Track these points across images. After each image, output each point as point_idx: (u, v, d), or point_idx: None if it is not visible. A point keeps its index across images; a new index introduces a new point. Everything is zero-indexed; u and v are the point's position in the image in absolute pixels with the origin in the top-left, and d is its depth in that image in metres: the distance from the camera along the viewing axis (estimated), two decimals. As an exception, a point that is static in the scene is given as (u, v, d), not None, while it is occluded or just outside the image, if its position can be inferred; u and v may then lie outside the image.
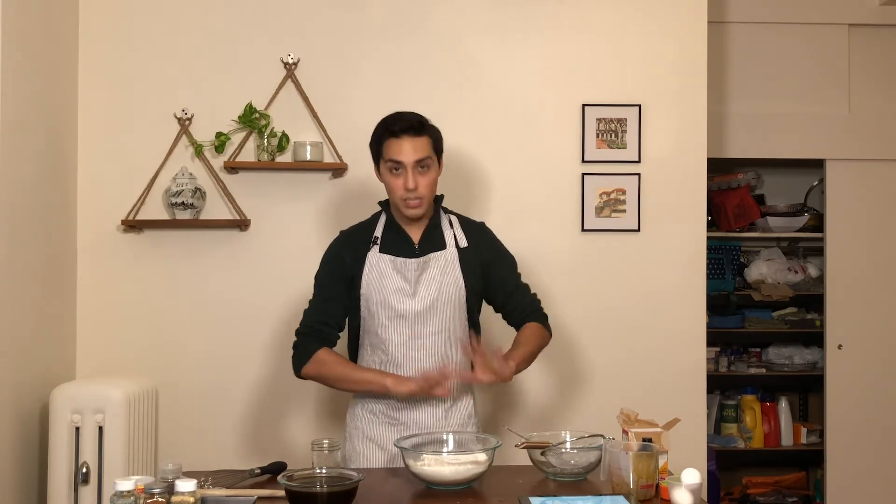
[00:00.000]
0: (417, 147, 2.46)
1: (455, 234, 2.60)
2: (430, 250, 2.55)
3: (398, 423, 2.54)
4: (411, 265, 2.53)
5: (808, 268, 5.14)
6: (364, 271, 2.54)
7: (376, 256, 2.54)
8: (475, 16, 3.60)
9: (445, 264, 2.54)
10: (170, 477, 1.94)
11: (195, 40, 3.52)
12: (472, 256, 2.58)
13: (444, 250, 2.55)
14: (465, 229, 2.62)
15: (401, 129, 2.47)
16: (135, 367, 3.44)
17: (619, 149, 3.62)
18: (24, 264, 3.03)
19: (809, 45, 4.72)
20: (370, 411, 2.58)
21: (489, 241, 2.66)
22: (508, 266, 2.67)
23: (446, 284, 2.52)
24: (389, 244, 2.56)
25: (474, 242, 2.60)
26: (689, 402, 3.58)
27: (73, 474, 3.02)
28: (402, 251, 2.55)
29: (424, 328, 2.52)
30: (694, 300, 3.64)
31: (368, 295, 2.53)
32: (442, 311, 2.52)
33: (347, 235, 2.65)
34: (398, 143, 2.47)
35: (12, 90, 2.93)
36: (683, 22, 3.66)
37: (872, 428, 4.67)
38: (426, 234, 2.57)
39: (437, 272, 2.52)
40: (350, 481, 2.03)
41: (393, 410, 2.55)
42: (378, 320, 2.53)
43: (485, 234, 2.68)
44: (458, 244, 2.58)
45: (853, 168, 4.74)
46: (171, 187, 3.40)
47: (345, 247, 2.61)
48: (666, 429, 2.26)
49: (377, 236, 2.58)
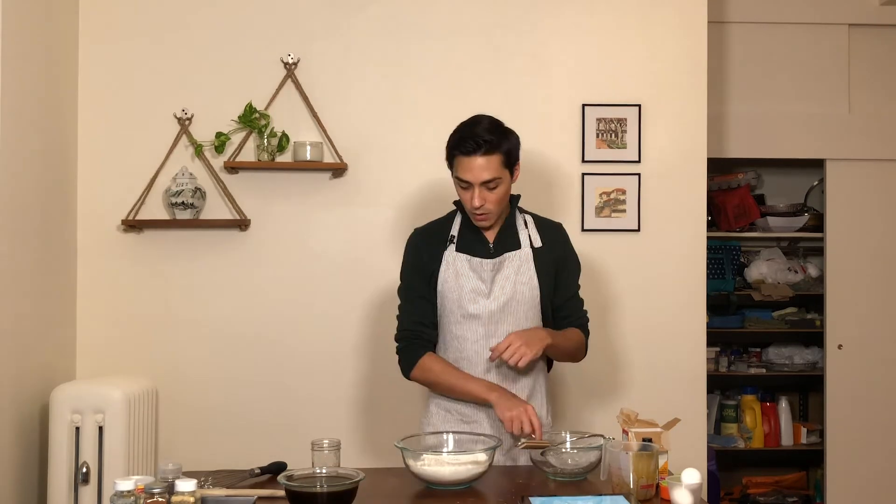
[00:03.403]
0: (486, 167, 2.41)
1: (530, 234, 2.59)
2: (505, 250, 2.55)
3: (471, 422, 2.55)
4: (487, 265, 2.53)
5: (808, 268, 5.14)
6: (441, 269, 2.54)
7: (453, 255, 2.55)
8: (475, 16, 3.60)
9: (520, 264, 2.54)
10: (170, 477, 1.94)
11: (195, 40, 3.52)
12: (545, 256, 2.57)
13: (518, 250, 2.55)
14: (540, 229, 2.61)
15: (470, 149, 2.41)
16: (135, 367, 3.44)
17: (619, 149, 3.62)
18: (24, 264, 3.03)
19: (809, 45, 4.72)
20: (445, 409, 2.59)
21: (562, 242, 2.65)
22: (573, 271, 2.66)
23: (520, 284, 2.52)
24: (465, 243, 2.56)
25: (549, 242, 2.60)
26: (689, 402, 3.58)
27: (73, 474, 3.02)
28: (478, 251, 2.55)
29: (499, 328, 2.52)
30: (694, 300, 3.63)
31: (444, 293, 2.54)
32: (516, 310, 2.52)
33: (423, 233, 2.65)
34: (467, 162, 2.42)
35: (12, 90, 2.93)
36: (683, 22, 3.65)
37: (872, 428, 4.67)
38: (501, 234, 2.57)
39: (511, 272, 2.53)
40: (350, 481, 2.02)
41: (467, 408, 2.55)
42: (453, 318, 2.54)
43: (559, 234, 2.66)
44: (532, 244, 2.57)
45: (853, 168, 4.74)
46: (171, 187, 3.40)
47: (422, 244, 2.61)
48: (666, 429, 2.26)
49: (454, 235, 2.58)
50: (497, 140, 2.43)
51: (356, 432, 3.50)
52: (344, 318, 3.52)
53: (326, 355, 3.53)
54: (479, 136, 2.41)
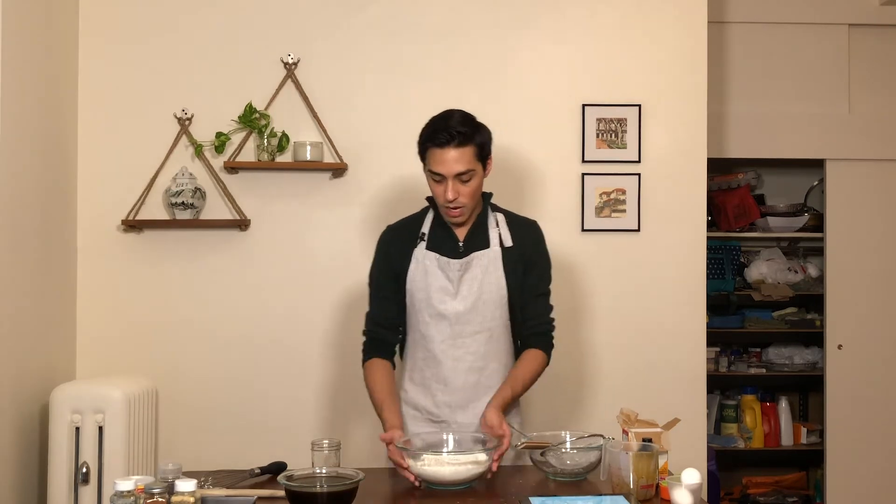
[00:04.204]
0: (459, 159, 2.41)
1: (500, 232, 2.56)
2: (474, 249, 2.53)
3: (440, 423, 2.55)
4: (454, 265, 2.52)
5: (808, 268, 5.14)
6: (410, 267, 2.54)
7: (422, 253, 2.54)
8: (475, 16, 3.60)
9: (488, 263, 2.52)
10: (170, 477, 1.94)
11: (195, 40, 3.52)
12: (515, 255, 2.54)
13: (486, 250, 2.53)
14: (511, 227, 2.58)
15: (443, 141, 2.41)
16: (135, 367, 3.44)
17: (619, 149, 3.62)
18: (24, 264, 3.03)
19: (809, 45, 4.72)
20: (413, 408, 2.59)
21: (534, 241, 2.61)
22: (541, 273, 2.60)
23: (488, 284, 2.50)
24: (435, 242, 2.55)
25: (519, 241, 2.57)
26: (689, 402, 3.58)
27: (73, 474, 3.02)
28: (447, 250, 2.54)
29: (465, 328, 2.51)
30: (694, 300, 3.63)
31: (413, 292, 2.53)
32: (483, 311, 2.50)
33: (394, 230, 2.65)
34: (440, 154, 2.42)
35: (12, 90, 2.93)
36: (683, 22, 3.66)
37: (872, 428, 4.67)
38: (471, 232, 2.55)
39: (479, 272, 2.51)
40: (350, 481, 2.02)
41: (437, 408, 2.55)
42: (421, 317, 2.53)
43: (532, 232, 2.62)
44: (502, 243, 2.55)
45: (853, 168, 4.74)
46: (171, 187, 3.40)
47: (391, 242, 2.61)
48: (666, 429, 2.26)
49: (424, 232, 2.57)
50: (470, 132, 2.43)
51: (356, 432, 3.49)
52: (344, 318, 3.51)
53: (326, 355, 3.53)
54: (452, 128, 2.41)
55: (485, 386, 2.52)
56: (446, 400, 2.53)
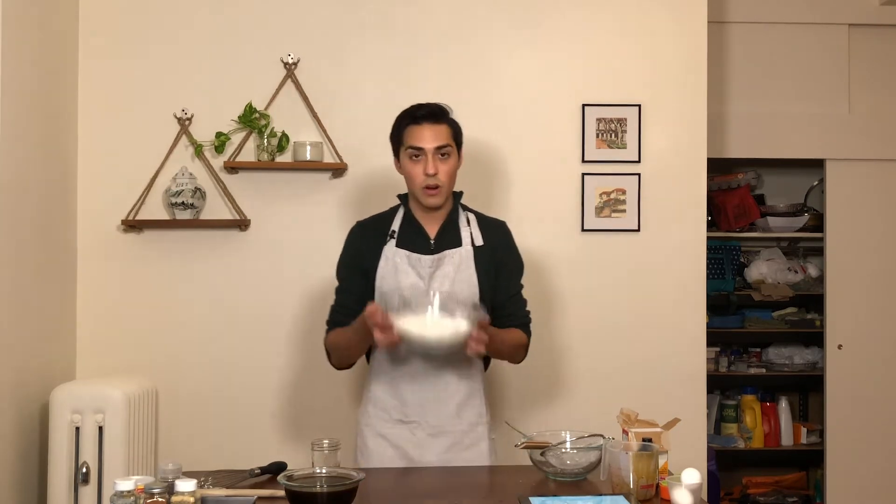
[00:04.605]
0: (438, 134, 2.48)
1: (472, 231, 2.58)
2: (446, 247, 2.54)
3: (410, 421, 2.54)
4: (426, 262, 2.51)
5: (808, 268, 5.14)
6: (380, 265, 2.53)
7: (392, 250, 2.53)
8: (474, 16, 3.60)
9: (460, 262, 2.52)
10: (170, 477, 1.94)
11: (195, 40, 3.52)
12: (486, 255, 2.56)
13: (459, 248, 2.54)
14: (482, 227, 2.60)
15: (422, 115, 2.49)
16: (135, 367, 3.44)
17: (619, 149, 3.62)
18: (24, 264, 3.03)
19: (809, 45, 4.72)
20: (382, 409, 2.58)
21: (504, 242, 2.63)
22: (513, 272, 2.63)
23: (459, 282, 2.50)
24: (406, 239, 2.55)
25: (490, 241, 2.58)
26: (689, 402, 3.58)
27: (73, 474, 3.02)
28: (418, 247, 2.53)
29: None
30: (694, 300, 3.63)
31: (382, 288, 2.53)
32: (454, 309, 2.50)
33: (364, 227, 2.65)
34: (419, 130, 2.48)
35: (12, 90, 2.93)
36: (683, 22, 3.66)
37: (872, 428, 4.67)
38: (442, 230, 2.56)
39: (450, 270, 2.51)
40: (350, 481, 2.02)
41: (406, 407, 2.55)
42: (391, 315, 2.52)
43: (502, 232, 2.65)
44: (473, 242, 2.56)
45: (853, 168, 4.74)
46: (171, 187, 3.40)
47: (361, 238, 2.61)
48: (666, 429, 2.26)
49: (394, 230, 2.57)
50: (445, 113, 2.53)
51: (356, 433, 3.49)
52: (344, 318, 3.51)
53: (326, 355, 3.52)
54: (428, 107, 2.51)
55: (454, 385, 2.53)
56: (416, 398, 2.53)
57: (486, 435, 2.58)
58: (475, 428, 2.56)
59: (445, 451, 2.51)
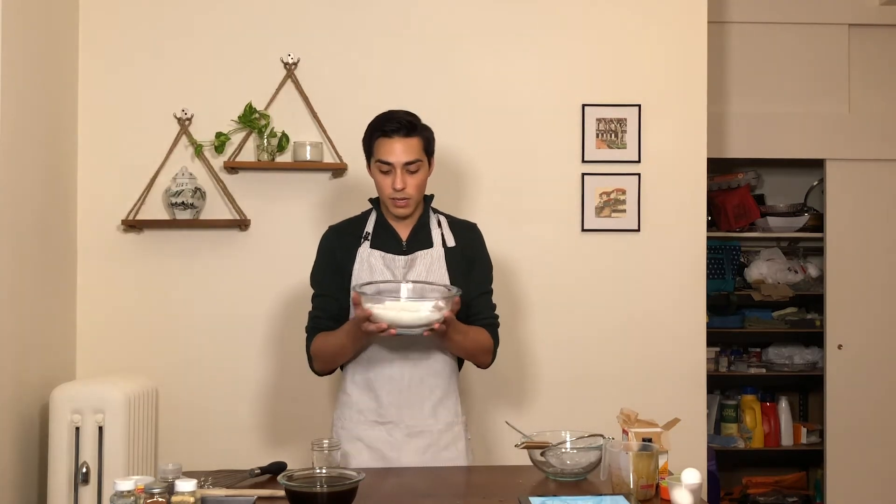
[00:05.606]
0: (407, 149, 2.46)
1: (443, 233, 2.59)
2: (417, 248, 2.55)
3: (386, 423, 2.54)
4: (399, 261, 2.53)
5: (808, 268, 5.14)
6: (355, 267, 2.54)
7: (367, 252, 2.55)
8: (475, 16, 3.60)
9: (431, 262, 2.54)
10: (170, 477, 1.94)
11: (195, 40, 3.52)
12: (458, 255, 2.57)
13: (430, 249, 2.55)
14: (453, 229, 2.62)
15: (392, 129, 2.47)
16: (135, 367, 3.44)
17: (618, 149, 3.62)
18: (24, 264, 3.03)
19: (809, 45, 4.72)
20: (358, 411, 2.57)
21: (474, 242, 2.64)
22: (481, 272, 2.63)
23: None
24: (379, 240, 2.57)
25: (461, 242, 2.60)
26: (689, 402, 3.58)
27: (73, 474, 3.02)
28: (391, 248, 2.55)
29: None
30: (694, 300, 3.64)
31: None
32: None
33: (337, 230, 2.66)
34: (389, 144, 2.47)
35: (12, 90, 2.93)
36: (683, 22, 3.66)
37: (872, 428, 4.67)
38: (414, 232, 2.57)
39: (422, 270, 2.52)
40: (350, 481, 2.02)
41: (382, 409, 2.54)
42: None
43: (473, 234, 2.66)
44: (445, 243, 2.57)
45: (853, 168, 4.74)
46: (171, 187, 3.40)
47: (335, 241, 2.61)
48: (666, 429, 2.26)
49: (368, 232, 2.58)
50: (416, 123, 2.50)
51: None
52: (344, 318, 3.52)
53: (326, 355, 3.52)
54: (400, 119, 2.48)
55: (430, 385, 2.53)
56: (392, 400, 2.52)
57: (463, 434, 2.59)
58: (452, 427, 2.56)
59: (423, 452, 2.51)
